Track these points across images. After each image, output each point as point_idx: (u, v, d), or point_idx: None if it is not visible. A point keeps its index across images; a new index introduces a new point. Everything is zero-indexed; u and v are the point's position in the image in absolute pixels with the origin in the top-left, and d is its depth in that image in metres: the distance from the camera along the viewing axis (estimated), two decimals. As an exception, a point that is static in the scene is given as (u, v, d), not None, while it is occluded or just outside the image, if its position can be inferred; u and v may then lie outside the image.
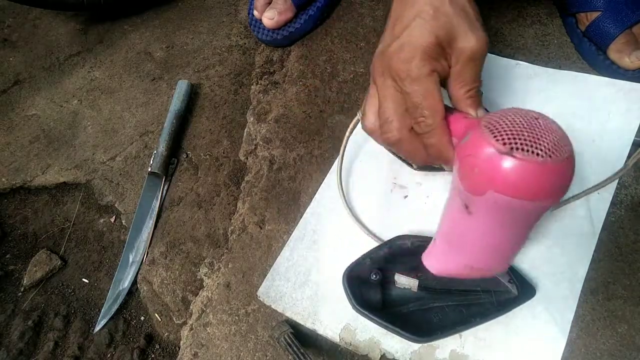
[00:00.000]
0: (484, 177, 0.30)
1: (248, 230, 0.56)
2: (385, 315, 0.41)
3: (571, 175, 0.30)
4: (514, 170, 0.28)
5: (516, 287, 0.43)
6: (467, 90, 0.37)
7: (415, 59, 0.35)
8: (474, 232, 0.36)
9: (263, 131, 0.63)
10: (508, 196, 0.29)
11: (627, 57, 0.54)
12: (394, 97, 0.37)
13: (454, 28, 0.35)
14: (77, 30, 0.83)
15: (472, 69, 0.37)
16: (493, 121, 0.30)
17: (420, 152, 0.38)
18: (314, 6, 0.70)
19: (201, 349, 0.50)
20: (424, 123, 0.36)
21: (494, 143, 0.29)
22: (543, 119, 0.30)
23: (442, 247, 0.40)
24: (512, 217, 0.32)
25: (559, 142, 0.29)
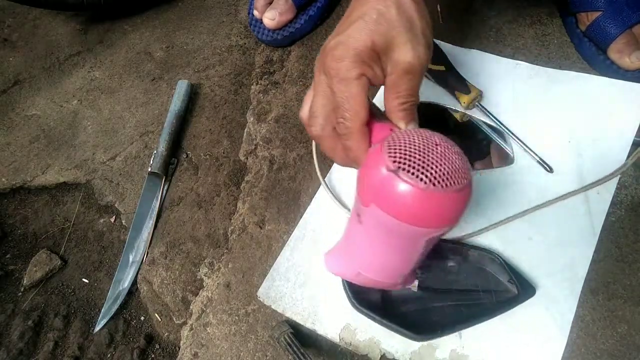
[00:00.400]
0: (370, 190, 0.30)
1: (248, 230, 0.56)
2: (385, 315, 0.41)
3: (458, 208, 0.30)
4: (394, 190, 0.28)
5: (516, 287, 0.43)
6: (400, 102, 0.36)
7: (346, 60, 0.35)
8: (362, 241, 0.36)
9: (263, 131, 0.63)
10: (388, 214, 0.30)
11: (627, 57, 0.54)
12: (324, 93, 0.37)
13: (393, 37, 0.35)
14: (77, 30, 0.83)
15: (407, 83, 0.36)
16: (396, 138, 0.30)
17: (339, 152, 0.38)
18: (314, 6, 0.70)
19: (201, 349, 0.50)
20: (343, 125, 0.35)
21: (385, 159, 0.29)
22: (445, 146, 0.30)
23: (340, 249, 0.41)
24: (394, 235, 0.32)
25: (451, 173, 0.28)
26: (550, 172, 0.51)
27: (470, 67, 0.59)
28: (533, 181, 0.51)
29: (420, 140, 0.30)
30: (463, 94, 0.56)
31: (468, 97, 0.55)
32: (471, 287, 0.44)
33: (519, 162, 0.53)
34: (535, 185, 0.51)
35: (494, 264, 0.45)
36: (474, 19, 0.67)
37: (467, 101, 0.55)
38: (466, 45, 0.63)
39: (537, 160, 0.52)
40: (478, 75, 0.58)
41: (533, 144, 0.53)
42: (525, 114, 0.55)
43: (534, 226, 0.48)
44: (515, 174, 0.52)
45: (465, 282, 0.44)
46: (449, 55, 0.59)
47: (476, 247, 0.46)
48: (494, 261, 0.45)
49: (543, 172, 0.51)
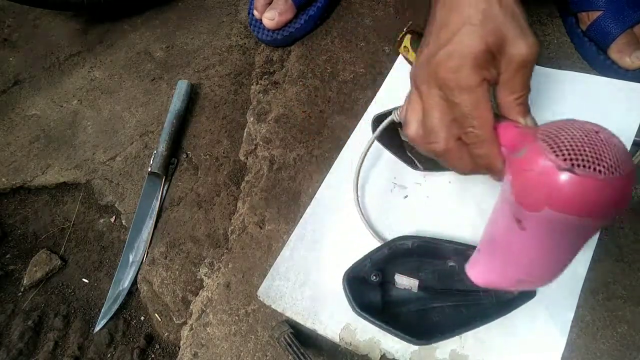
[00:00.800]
0: (542, 194, 0.29)
1: (248, 230, 0.56)
2: (386, 317, 0.41)
3: (631, 191, 0.29)
4: (574, 187, 0.27)
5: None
6: (516, 97, 0.36)
7: (465, 68, 0.34)
8: (525, 247, 0.34)
9: (263, 131, 0.63)
10: (566, 214, 0.28)
11: (627, 57, 0.54)
12: (440, 106, 0.36)
13: (504, 34, 0.34)
14: (77, 30, 0.83)
15: (522, 76, 0.35)
16: (551, 135, 0.29)
17: (466, 162, 0.38)
18: (314, 6, 0.70)
19: (201, 349, 0.50)
20: (472, 134, 0.35)
21: (553, 159, 0.28)
22: (604, 132, 0.29)
23: (488, 260, 0.39)
24: (567, 234, 0.31)
25: (620, 158, 0.28)
26: (550, 172, 0.51)
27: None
28: (533, 181, 0.51)
29: (578, 132, 0.29)
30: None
31: (468, 97, 0.55)
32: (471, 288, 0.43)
33: (519, 162, 0.52)
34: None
35: None
36: (474, 19, 0.67)
37: (468, 101, 0.55)
38: (466, 45, 0.63)
39: (537, 160, 0.52)
40: (478, 75, 0.58)
41: (533, 144, 0.53)
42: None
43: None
44: (515, 174, 0.52)
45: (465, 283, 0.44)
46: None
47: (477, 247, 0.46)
48: None
49: (543, 172, 0.51)
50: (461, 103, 0.35)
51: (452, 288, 0.43)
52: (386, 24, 0.69)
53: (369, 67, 0.65)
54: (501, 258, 0.37)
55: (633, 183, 0.29)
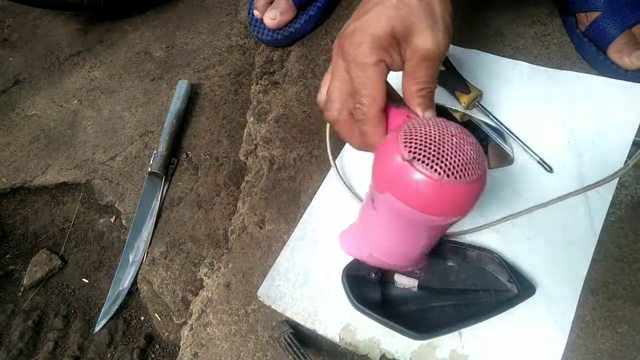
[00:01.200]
0: (385, 178, 0.31)
1: (248, 230, 0.56)
2: (385, 314, 0.41)
3: (470, 199, 0.30)
4: (409, 179, 0.29)
5: (516, 286, 0.43)
6: (418, 89, 0.36)
7: (364, 45, 0.35)
8: (375, 225, 0.37)
9: (263, 131, 0.63)
10: (401, 202, 0.30)
11: (627, 57, 0.54)
12: (342, 78, 0.37)
13: (412, 23, 0.34)
14: (77, 30, 0.83)
15: (426, 69, 0.36)
16: (412, 128, 0.31)
17: (355, 137, 0.38)
18: (314, 6, 0.70)
19: (201, 349, 0.50)
20: (360, 110, 0.36)
21: (401, 148, 0.30)
22: (460, 137, 0.30)
23: (354, 231, 0.42)
24: (407, 222, 0.33)
25: (465, 165, 0.29)
26: (550, 172, 0.51)
27: (470, 67, 0.59)
28: (533, 181, 0.51)
29: (436, 131, 0.30)
30: (463, 94, 0.56)
31: (468, 97, 0.55)
32: (471, 287, 0.44)
33: (519, 162, 0.53)
34: (535, 185, 0.51)
35: (493, 263, 0.45)
36: (474, 19, 0.67)
37: (467, 101, 0.55)
38: (466, 45, 0.63)
39: (537, 160, 0.52)
40: (478, 75, 0.58)
41: (533, 144, 0.53)
42: (525, 114, 0.55)
43: (534, 226, 0.48)
44: (515, 174, 0.52)
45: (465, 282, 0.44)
46: (449, 55, 0.59)
47: (476, 247, 0.46)
48: (494, 260, 0.45)
49: (543, 172, 0.51)
50: (355, 78, 0.35)
51: (451, 287, 0.43)
52: (386, 24, 0.69)
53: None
54: (360, 232, 0.41)
55: (473, 192, 0.30)
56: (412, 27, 0.34)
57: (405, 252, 0.39)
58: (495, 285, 0.44)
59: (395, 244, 0.38)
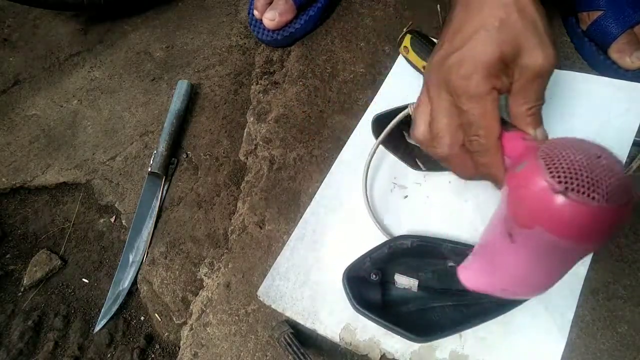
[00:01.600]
0: (534, 213, 0.29)
1: (248, 230, 0.56)
2: (385, 315, 0.41)
3: (626, 220, 0.28)
4: (566, 211, 0.27)
5: None
6: (528, 107, 0.35)
7: (476, 76, 0.33)
8: (512, 260, 0.34)
9: (263, 131, 0.63)
10: (556, 235, 0.28)
11: (628, 57, 0.54)
12: (448, 111, 0.36)
13: (520, 43, 0.33)
14: (77, 30, 0.83)
15: (536, 87, 0.34)
16: (552, 154, 0.29)
17: (469, 169, 0.37)
18: (314, 6, 0.70)
19: (201, 349, 0.50)
20: (477, 142, 0.34)
21: (549, 179, 0.28)
22: (606, 158, 0.28)
23: (479, 265, 0.39)
24: (555, 254, 0.31)
25: (619, 186, 0.27)
26: (550, 172, 0.51)
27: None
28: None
29: (580, 155, 0.28)
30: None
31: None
32: None
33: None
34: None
35: None
36: (474, 19, 0.67)
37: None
38: (466, 45, 0.63)
39: (537, 160, 0.52)
40: (478, 75, 0.58)
41: (533, 144, 0.53)
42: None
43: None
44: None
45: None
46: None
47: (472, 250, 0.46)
48: None
49: (543, 172, 0.51)
50: (468, 111, 0.34)
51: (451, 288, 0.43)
52: (386, 24, 0.69)
53: (369, 67, 0.65)
54: (490, 265, 0.38)
55: (628, 212, 0.28)
56: (520, 47, 0.33)
57: (547, 284, 0.37)
58: None
59: (537, 278, 0.36)
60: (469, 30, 0.34)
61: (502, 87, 0.35)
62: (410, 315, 0.42)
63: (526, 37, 0.33)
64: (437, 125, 0.37)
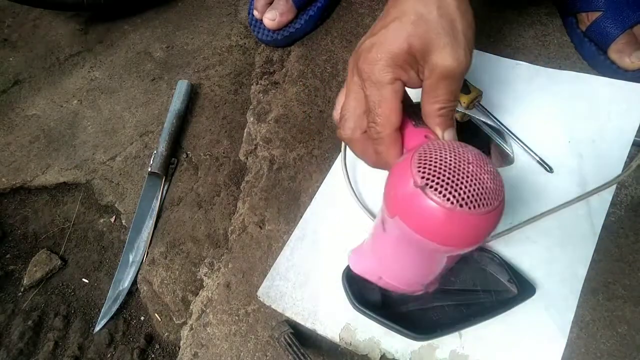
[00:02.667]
0: (395, 202, 0.30)
1: (248, 230, 0.56)
2: (385, 314, 0.41)
3: (485, 230, 0.29)
4: (420, 206, 0.28)
5: (516, 287, 0.43)
6: (438, 108, 0.35)
7: (380, 63, 0.33)
8: (385, 248, 0.36)
9: (263, 131, 0.63)
10: (411, 229, 0.29)
11: (627, 57, 0.54)
12: (357, 95, 0.36)
13: (431, 40, 0.33)
14: (77, 30, 0.83)
15: (446, 87, 0.34)
16: (427, 151, 0.30)
17: (370, 155, 0.37)
18: (314, 6, 0.70)
19: (201, 349, 0.50)
20: (374, 129, 0.34)
21: (414, 173, 0.29)
22: (476, 165, 0.28)
23: (364, 251, 0.41)
24: (416, 248, 0.32)
25: (480, 195, 0.27)
26: (550, 172, 0.51)
27: (470, 67, 0.59)
28: (533, 181, 0.51)
29: (452, 156, 0.28)
30: (463, 94, 0.55)
31: (468, 97, 0.55)
32: (471, 287, 0.44)
33: (519, 162, 0.53)
34: (535, 186, 0.51)
35: (493, 263, 0.45)
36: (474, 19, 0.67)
37: (467, 101, 0.55)
38: (466, 45, 0.63)
39: (537, 160, 0.52)
40: (478, 76, 0.58)
41: (533, 144, 0.53)
42: (525, 114, 0.55)
43: (534, 226, 0.48)
44: (515, 174, 0.52)
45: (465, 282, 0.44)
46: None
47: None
48: (494, 261, 0.45)
49: (543, 172, 0.51)
50: (369, 96, 0.34)
51: (451, 288, 0.43)
52: (386, 24, 0.69)
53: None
54: (370, 253, 0.40)
55: (489, 222, 0.28)
56: (431, 43, 0.33)
57: (414, 278, 0.38)
58: (495, 285, 0.44)
59: (404, 269, 0.37)
60: (388, 19, 0.35)
61: (408, 80, 0.35)
62: (409, 314, 0.42)
63: (438, 35, 0.33)
64: (345, 107, 0.37)
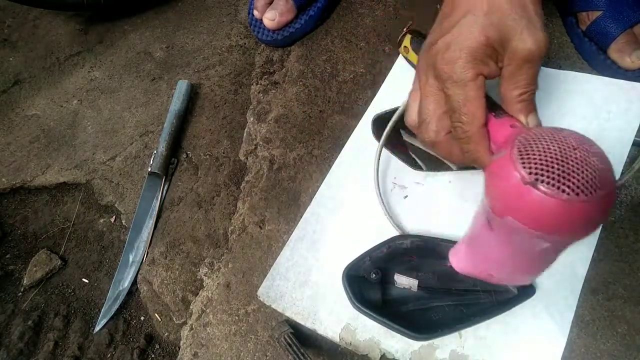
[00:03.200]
0: (505, 202, 0.28)
1: (248, 230, 0.56)
2: (385, 314, 0.41)
3: (602, 215, 0.27)
4: (535, 203, 0.26)
5: (516, 287, 0.43)
6: (519, 93, 0.34)
7: (460, 61, 0.33)
8: (493, 246, 0.34)
9: (263, 131, 0.63)
10: (526, 226, 0.28)
11: (627, 57, 0.54)
12: (435, 96, 0.35)
13: (508, 27, 0.32)
14: (77, 30, 0.83)
15: (527, 72, 0.33)
16: (527, 143, 0.28)
17: (456, 155, 0.37)
18: (314, 7, 0.70)
19: (201, 349, 0.50)
20: (460, 129, 0.34)
21: (520, 169, 0.27)
22: (582, 150, 0.27)
23: (466, 250, 0.40)
24: (530, 244, 0.30)
25: (593, 180, 0.26)
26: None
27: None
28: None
29: (555, 145, 0.27)
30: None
31: (468, 97, 0.55)
32: (471, 287, 0.44)
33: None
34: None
35: None
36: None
37: (467, 101, 0.55)
38: (466, 45, 0.63)
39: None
40: (478, 75, 0.58)
41: (533, 144, 0.53)
42: (526, 114, 0.55)
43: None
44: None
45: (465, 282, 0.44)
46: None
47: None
48: None
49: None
50: (452, 96, 0.34)
51: (451, 288, 0.43)
52: (386, 24, 0.69)
53: (369, 67, 0.65)
54: (475, 251, 0.38)
55: (604, 206, 0.27)
56: (508, 31, 0.32)
57: (527, 273, 0.37)
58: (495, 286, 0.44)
59: (516, 266, 0.35)
60: (458, 14, 0.34)
61: (489, 72, 0.34)
62: (410, 314, 0.42)
63: (514, 21, 0.32)
64: (424, 111, 0.36)
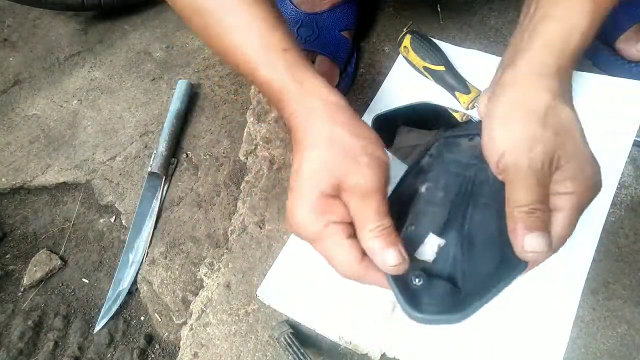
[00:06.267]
0: None
1: (248, 230, 0.56)
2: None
3: None
4: None
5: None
6: (370, 229, 0.32)
7: (303, 223, 0.33)
8: None
9: (263, 131, 0.63)
10: None
11: (633, 47, 0.54)
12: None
13: (341, 170, 0.33)
14: (77, 30, 0.83)
15: (368, 207, 0.33)
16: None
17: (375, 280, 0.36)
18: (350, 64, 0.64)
19: (201, 349, 0.50)
20: (342, 274, 0.34)
21: None
22: None
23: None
24: None
25: None
26: (550, 172, 0.51)
27: (470, 67, 0.59)
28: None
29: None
30: (463, 94, 0.56)
31: (468, 97, 0.55)
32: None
33: (519, 162, 0.52)
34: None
35: None
36: (474, 19, 0.67)
37: (467, 101, 0.55)
38: (466, 45, 0.63)
39: (537, 160, 0.52)
40: (478, 75, 0.58)
41: (533, 144, 0.53)
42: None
43: None
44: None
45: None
46: (448, 55, 0.59)
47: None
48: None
49: (543, 172, 0.51)
50: (318, 251, 0.34)
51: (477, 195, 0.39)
52: (386, 24, 0.69)
53: (369, 67, 0.65)
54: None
55: None
56: (346, 171, 0.33)
57: None
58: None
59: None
60: (295, 173, 0.34)
61: (339, 217, 0.33)
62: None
63: (346, 164, 0.33)
64: (329, 262, 0.35)
